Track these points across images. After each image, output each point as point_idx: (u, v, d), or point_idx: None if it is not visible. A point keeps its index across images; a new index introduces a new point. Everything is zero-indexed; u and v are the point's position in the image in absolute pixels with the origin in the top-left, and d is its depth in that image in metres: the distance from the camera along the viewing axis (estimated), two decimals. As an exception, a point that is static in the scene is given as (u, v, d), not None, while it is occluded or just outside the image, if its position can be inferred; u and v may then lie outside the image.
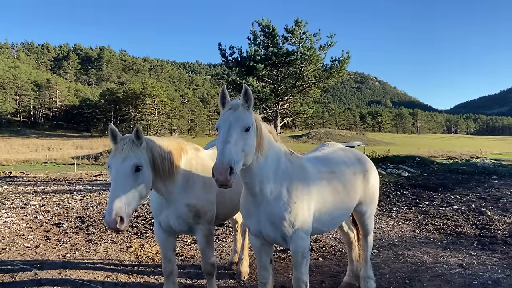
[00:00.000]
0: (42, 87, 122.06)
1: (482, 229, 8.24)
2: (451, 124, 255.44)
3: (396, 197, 12.27)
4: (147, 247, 6.93)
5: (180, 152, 3.96)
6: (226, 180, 2.81)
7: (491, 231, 8.04)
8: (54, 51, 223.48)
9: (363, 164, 4.55)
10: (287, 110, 24.76)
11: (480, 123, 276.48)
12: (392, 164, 20.24)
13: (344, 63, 22.26)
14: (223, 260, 6.31)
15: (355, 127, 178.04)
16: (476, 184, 15.15)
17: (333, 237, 7.59)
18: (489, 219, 9.14)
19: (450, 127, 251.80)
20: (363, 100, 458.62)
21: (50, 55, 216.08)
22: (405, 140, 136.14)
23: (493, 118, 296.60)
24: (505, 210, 10.22)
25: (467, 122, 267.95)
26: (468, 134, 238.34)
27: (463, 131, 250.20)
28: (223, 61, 23.89)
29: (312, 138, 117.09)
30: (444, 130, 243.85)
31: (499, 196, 12.33)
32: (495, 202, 11.38)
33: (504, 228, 8.26)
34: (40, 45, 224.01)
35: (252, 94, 3.24)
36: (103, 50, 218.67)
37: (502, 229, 8.14)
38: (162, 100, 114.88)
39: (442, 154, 64.27)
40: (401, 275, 5.47)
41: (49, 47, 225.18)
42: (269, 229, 3.51)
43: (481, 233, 7.89)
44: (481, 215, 9.58)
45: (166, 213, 3.99)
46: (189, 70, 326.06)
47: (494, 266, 5.85)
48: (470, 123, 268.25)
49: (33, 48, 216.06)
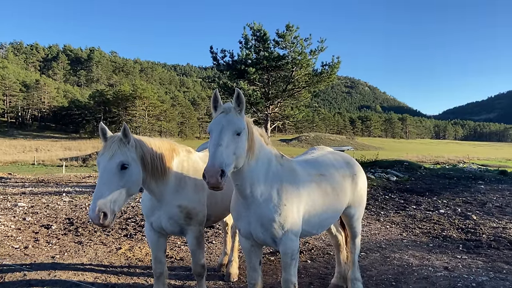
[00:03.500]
0: (31, 87, 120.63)
1: (467, 233, 8.40)
2: (439, 130, 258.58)
3: (384, 201, 12.42)
4: (137, 249, 6.93)
5: (172, 153, 4.01)
6: (217, 183, 2.87)
7: (476, 235, 8.20)
8: (43, 52, 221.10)
9: (351, 168, 4.64)
10: (277, 114, 24.87)
11: (468, 129, 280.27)
12: (380, 169, 20.46)
13: (335, 68, 22.48)
14: (212, 262, 6.35)
15: (345, 132, 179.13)
16: (462, 189, 15.40)
17: (321, 240, 7.67)
18: (475, 223, 9.32)
19: (439, 133, 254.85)
20: (353, 105, 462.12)
21: (39, 55, 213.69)
22: (394, 145, 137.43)
23: (481, 124, 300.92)
24: (490, 214, 10.42)
25: (455, 127, 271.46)
26: (456, 140, 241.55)
27: (451, 137, 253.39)
28: (214, 64, 23.93)
29: (302, 142, 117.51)
30: (433, 136, 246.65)
31: (484, 200, 12.56)
32: (481, 206, 11.59)
33: (489, 232, 8.43)
34: (29, 45, 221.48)
35: (244, 98, 3.31)
36: (93, 51, 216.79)
37: (487, 233, 8.30)
38: (152, 102, 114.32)
39: (430, 159, 65.00)
40: (388, 277, 5.57)
41: (38, 47, 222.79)
42: (259, 231, 3.57)
43: (467, 237, 8.04)
44: (467, 219, 9.75)
45: (158, 214, 4.03)
46: (180, 73, 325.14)
47: (479, 269, 5.98)
48: (458, 128, 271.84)
49: (22, 48, 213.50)
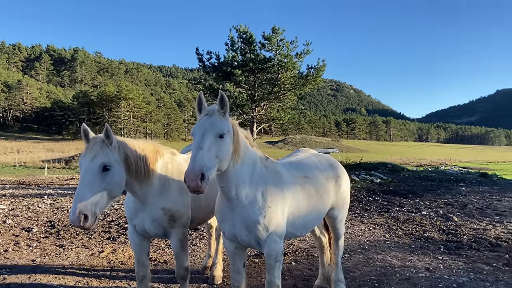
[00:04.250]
0: (13, 88, 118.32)
1: (449, 234, 8.54)
2: (422, 133, 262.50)
3: (368, 203, 12.55)
4: (120, 252, 6.86)
5: (156, 155, 3.99)
6: (198, 186, 2.86)
7: (457, 236, 8.34)
8: (25, 52, 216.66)
9: (335, 170, 4.68)
10: (263, 116, 24.93)
11: (450, 132, 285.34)
12: (365, 171, 20.67)
13: (320, 70, 22.68)
14: (196, 264, 6.32)
15: (330, 134, 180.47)
16: (444, 190, 15.67)
17: (306, 242, 7.71)
18: (456, 224, 9.49)
19: (422, 135, 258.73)
20: (338, 108, 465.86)
21: (22, 55, 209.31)
22: (378, 148, 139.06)
23: (463, 127, 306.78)
24: (471, 216, 10.63)
25: (438, 130, 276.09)
26: (438, 143, 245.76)
27: (434, 139, 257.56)
28: (200, 66, 23.90)
29: (288, 144, 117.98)
30: (416, 138, 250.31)
31: (465, 202, 12.80)
32: (462, 208, 11.81)
33: (469, 233, 8.58)
34: (11, 45, 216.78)
35: (228, 101, 3.30)
36: (77, 52, 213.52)
37: (467, 235, 8.45)
38: (137, 103, 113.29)
39: (413, 161, 66.03)
40: (371, 279, 5.63)
41: (21, 47, 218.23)
42: (244, 233, 3.57)
43: (448, 238, 8.18)
44: (448, 220, 9.92)
45: (141, 217, 3.99)
46: (166, 74, 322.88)
47: (459, 270, 6.08)
48: (441, 131, 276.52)
49: (4, 48, 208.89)
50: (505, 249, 7.28)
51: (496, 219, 10.14)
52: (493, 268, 6.17)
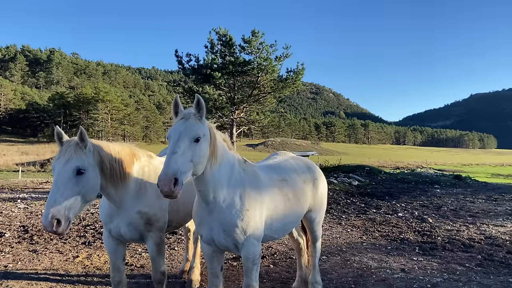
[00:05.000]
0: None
1: (423, 235, 8.73)
2: (399, 135, 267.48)
3: (346, 205, 12.70)
4: (95, 257, 6.73)
5: (132, 158, 3.94)
6: (171, 191, 2.83)
7: (432, 237, 8.53)
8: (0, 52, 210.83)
9: (312, 173, 4.72)
10: (243, 119, 24.94)
11: (426, 135, 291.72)
12: (343, 173, 20.92)
13: (299, 74, 22.86)
14: (174, 269, 6.26)
15: (310, 137, 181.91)
16: (420, 193, 16.02)
17: (284, 244, 7.74)
18: (431, 226, 9.70)
19: (399, 138, 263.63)
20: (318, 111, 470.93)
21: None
22: (357, 150, 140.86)
23: (438, 131, 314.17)
24: (445, 217, 10.89)
25: (414, 134, 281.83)
26: (415, 145, 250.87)
27: (410, 142, 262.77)
28: (179, 68, 23.75)
29: (269, 147, 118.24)
30: (393, 141, 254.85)
31: (440, 204, 13.11)
32: (437, 210, 12.08)
33: (443, 234, 8.79)
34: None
35: (204, 104, 3.28)
36: (53, 53, 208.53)
37: (442, 236, 8.66)
38: (115, 105, 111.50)
39: (390, 164, 67.08)
40: (348, 280, 5.69)
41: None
42: (221, 236, 3.56)
43: (423, 239, 8.35)
44: (423, 222, 10.14)
45: (116, 221, 3.93)
46: (145, 76, 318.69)
47: (434, 270, 6.22)
48: (417, 134, 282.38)
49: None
50: (478, 249, 7.48)
51: (469, 221, 10.41)
52: (466, 268, 6.33)
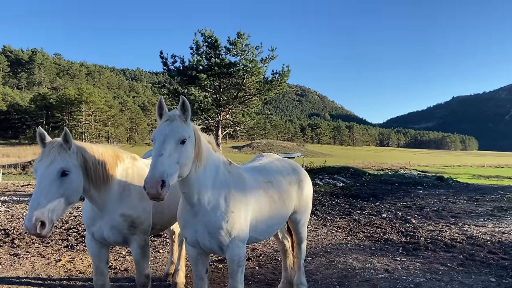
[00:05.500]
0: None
1: (407, 236, 8.84)
2: (383, 137, 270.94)
3: (331, 206, 12.79)
4: (78, 260, 6.62)
5: (116, 160, 3.89)
6: (158, 194, 2.81)
7: (415, 237, 8.65)
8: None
9: (298, 174, 4.74)
10: (229, 121, 24.94)
11: (409, 137, 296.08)
12: (328, 175, 21.05)
13: (285, 76, 22.98)
14: (159, 271, 6.20)
15: (295, 139, 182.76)
16: (403, 194, 16.24)
17: (270, 246, 7.75)
18: (414, 226, 9.84)
19: (383, 140, 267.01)
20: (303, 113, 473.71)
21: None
22: (342, 152, 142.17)
23: (421, 133, 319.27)
24: (428, 218, 11.05)
25: (398, 135, 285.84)
26: (398, 147, 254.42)
27: (394, 144, 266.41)
28: (164, 69, 23.64)
29: (254, 149, 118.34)
30: (377, 143, 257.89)
31: (423, 205, 13.31)
32: (419, 210, 12.26)
33: (426, 235, 8.92)
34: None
35: (189, 106, 3.27)
36: (35, 53, 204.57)
37: (424, 236, 8.78)
38: (99, 107, 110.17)
39: (375, 165, 67.77)
40: (332, 281, 5.73)
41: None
42: (206, 239, 3.55)
43: (406, 240, 8.46)
44: (407, 223, 10.28)
45: (99, 224, 3.88)
46: (130, 77, 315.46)
47: (417, 270, 6.30)
48: (401, 136, 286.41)
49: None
50: (459, 249, 7.61)
51: (451, 221, 10.59)
52: (448, 268, 6.43)
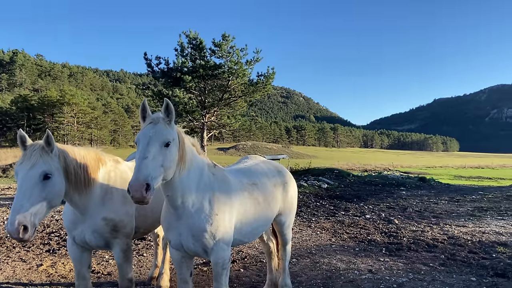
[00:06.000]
0: None
1: (390, 236, 8.95)
2: (367, 139, 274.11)
3: (315, 208, 12.86)
4: (60, 265, 6.51)
5: (98, 163, 3.85)
6: (142, 197, 2.79)
7: (398, 238, 8.76)
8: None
9: (283, 176, 4.76)
10: (214, 123, 24.89)
11: (392, 138, 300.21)
12: (313, 176, 21.17)
13: (270, 78, 23.07)
14: (143, 275, 6.14)
15: (281, 140, 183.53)
16: (386, 194, 16.45)
17: (255, 248, 7.75)
18: (397, 227, 9.97)
19: (367, 142, 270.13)
20: (288, 114, 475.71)
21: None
22: (326, 154, 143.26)
23: (404, 134, 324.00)
24: (410, 218, 11.21)
25: (381, 137, 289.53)
26: (382, 149, 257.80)
27: (378, 146, 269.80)
28: (149, 71, 23.45)
29: (240, 151, 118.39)
30: (361, 144, 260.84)
31: (406, 205, 13.50)
32: (402, 211, 12.43)
33: (409, 235, 9.04)
34: None
35: (173, 108, 3.26)
36: (16, 54, 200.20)
37: (407, 236, 8.90)
38: (82, 109, 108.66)
39: (359, 167, 68.44)
40: (317, 282, 5.76)
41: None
42: (190, 242, 3.54)
43: (389, 240, 8.57)
44: (390, 223, 10.41)
45: (81, 228, 3.83)
46: (113, 79, 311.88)
47: (399, 270, 6.39)
48: (384, 138, 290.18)
49: None
50: (441, 249, 7.74)
51: (433, 221, 10.77)
52: (430, 268, 6.53)
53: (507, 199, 15.40)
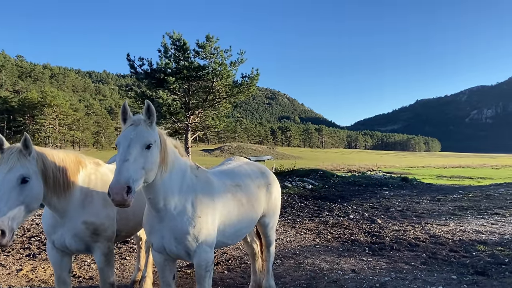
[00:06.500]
0: None
1: (373, 236, 9.04)
2: (351, 140, 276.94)
3: (300, 209, 12.92)
4: (41, 269, 6.39)
5: (78, 165, 3.80)
6: (123, 200, 2.76)
7: (380, 238, 8.85)
8: None
9: (266, 178, 4.77)
10: (198, 124, 24.81)
11: (376, 139, 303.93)
12: (297, 177, 21.27)
13: (254, 79, 23.12)
14: (125, 279, 6.07)
15: (266, 142, 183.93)
16: (370, 195, 16.62)
17: (239, 250, 7.74)
18: (380, 227, 10.08)
19: (351, 142, 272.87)
20: (273, 116, 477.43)
21: None
22: (311, 154, 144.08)
23: (387, 135, 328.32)
24: (393, 218, 11.35)
25: (365, 138, 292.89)
26: (366, 149, 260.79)
27: (362, 146, 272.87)
28: (132, 72, 23.24)
29: (225, 152, 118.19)
30: (346, 145, 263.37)
31: (388, 205, 13.66)
32: (385, 211, 12.58)
33: (391, 235, 9.15)
34: None
35: (154, 110, 3.24)
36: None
37: (390, 236, 9.01)
38: (64, 110, 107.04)
39: (343, 167, 69.02)
40: (301, 283, 5.78)
41: None
42: (173, 244, 3.52)
43: (372, 240, 8.65)
44: (373, 223, 10.51)
45: (61, 232, 3.76)
46: (96, 80, 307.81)
47: (382, 270, 6.45)
48: (368, 139, 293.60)
49: None
50: (423, 248, 7.84)
51: (415, 221, 10.92)
52: (411, 267, 6.62)
53: (487, 198, 15.72)
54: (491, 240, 8.50)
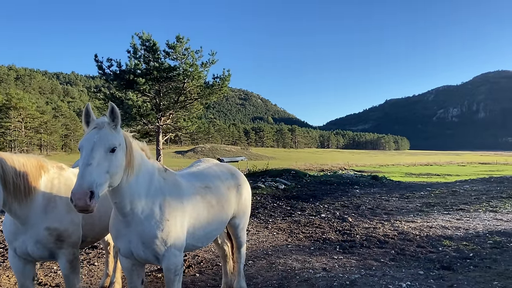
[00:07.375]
0: None
1: (344, 234, 9.19)
2: (324, 139, 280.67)
3: (272, 209, 12.97)
4: (5, 278, 6.14)
5: (40, 170, 3.68)
6: (86, 206, 2.70)
7: (351, 235, 9.00)
8: None
9: (236, 179, 4.77)
10: (170, 126, 24.52)
11: (347, 138, 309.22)
12: (270, 177, 21.35)
13: (226, 80, 23.07)
14: (93, 285, 5.92)
15: (239, 142, 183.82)
16: (341, 193, 16.87)
17: (211, 252, 7.69)
18: (350, 225, 10.25)
19: (323, 142, 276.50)
20: (247, 116, 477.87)
21: None
22: (285, 155, 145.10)
23: (358, 134, 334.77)
24: (363, 216, 11.57)
25: (337, 137, 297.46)
26: (338, 148, 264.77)
27: (334, 146, 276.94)
28: (100, 73, 22.72)
29: (198, 154, 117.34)
30: (318, 145, 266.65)
31: (359, 204, 13.92)
32: (356, 209, 12.80)
33: (362, 232, 9.32)
34: None
35: (119, 112, 3.18)
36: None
37: (360, 233, 9.17)
38: (30, 113, 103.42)
39: (316, 167, 69.87)
40: (273, 283, 5.80)
41: None
42: (140, 249, 3.46)
43: (343, 238, 8.79)
44: (344, 221, 10.68)
45: (22, 239, 3.63)
46: (64, 81, 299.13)
47: (352, 267, 6.56)
48: (340, 138, 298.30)
49: None
50: (392, 245, 8.03)
51: (385, 218, 11.17)
52: (381, 263, 6.76)
53: (453, 195, 16.26)
54: (456, 235, 8.79)
